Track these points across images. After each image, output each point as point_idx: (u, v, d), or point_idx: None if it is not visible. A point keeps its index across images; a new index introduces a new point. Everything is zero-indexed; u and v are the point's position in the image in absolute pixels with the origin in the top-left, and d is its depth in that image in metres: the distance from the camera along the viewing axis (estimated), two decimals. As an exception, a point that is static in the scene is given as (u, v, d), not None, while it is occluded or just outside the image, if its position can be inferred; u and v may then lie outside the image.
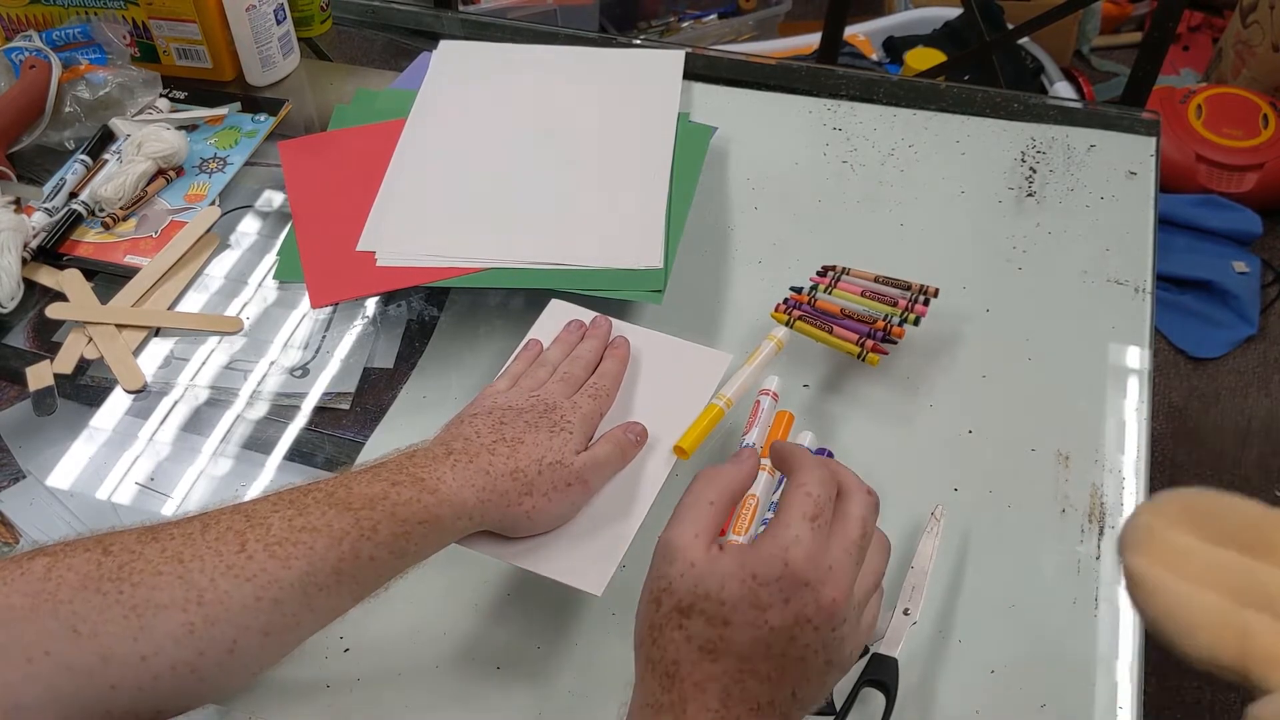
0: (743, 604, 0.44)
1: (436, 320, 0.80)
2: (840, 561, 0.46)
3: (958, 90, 1.00)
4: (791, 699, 0.45)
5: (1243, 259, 1.92)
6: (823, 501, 0.47)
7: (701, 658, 0.44)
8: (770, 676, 0.44)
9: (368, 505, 0.51)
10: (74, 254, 0.85)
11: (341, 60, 1.09)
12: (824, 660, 0.46)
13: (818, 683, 0.46)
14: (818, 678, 0.46)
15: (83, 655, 0.45)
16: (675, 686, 0.44)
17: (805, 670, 0.45)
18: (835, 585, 0.45)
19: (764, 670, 0.44)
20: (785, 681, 0.45)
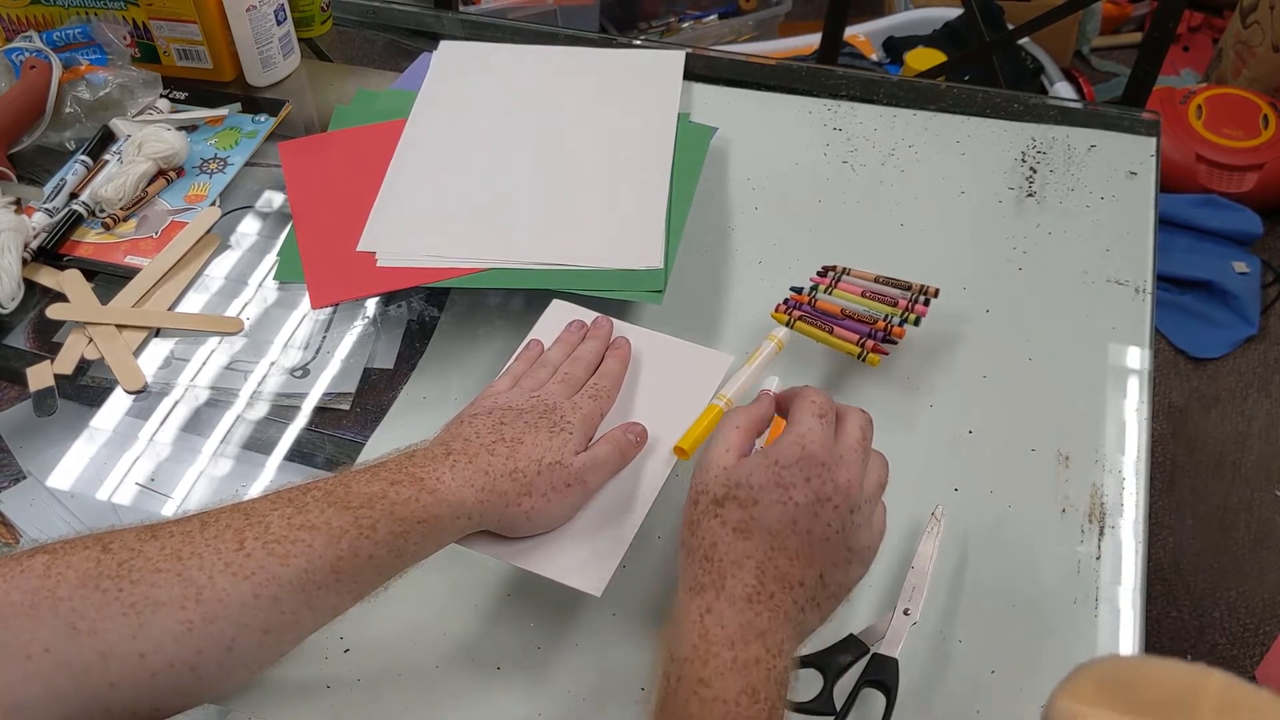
0: (769, 485, 0.50)
1: (437, 321, 0.80)
2: (849, 453, 0.52)
3: (958, 91, 1.00)
4: (820, 582, 0.50)
5: (1243, 259, 1.92)
6: (826, 406, 0.54)
7: (735, 538, 0.49)
8: (799, 554, 0.49)
9: (367, 504, 0.51)
10: (74, 254, 0.85)
11: (342, 61, 1.09)
12: (845, 546, 0.51)
13: (842, 570, 0.51)
14: (842, 564, 0.51)
15: (82, 652, 0.45)
16: (714, 566, 0.49)
17: (829, 552, 0.50)
18: (848, 469, 0.51)
19: (792, 546, 0.49)
20: (813, 561, 0.50)
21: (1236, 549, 1.56)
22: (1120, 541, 0.66)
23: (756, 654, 0.47)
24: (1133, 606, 0.63)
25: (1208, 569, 1.54)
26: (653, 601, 0.62)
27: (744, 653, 0.46)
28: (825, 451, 0.51)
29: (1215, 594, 1.51)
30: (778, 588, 0.48)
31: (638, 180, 0.86)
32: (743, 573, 0.48)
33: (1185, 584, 1.52)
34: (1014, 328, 0.78)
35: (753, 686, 0.46)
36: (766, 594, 0.48)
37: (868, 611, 0.62)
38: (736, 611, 0.47)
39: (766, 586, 0.48)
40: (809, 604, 0.50)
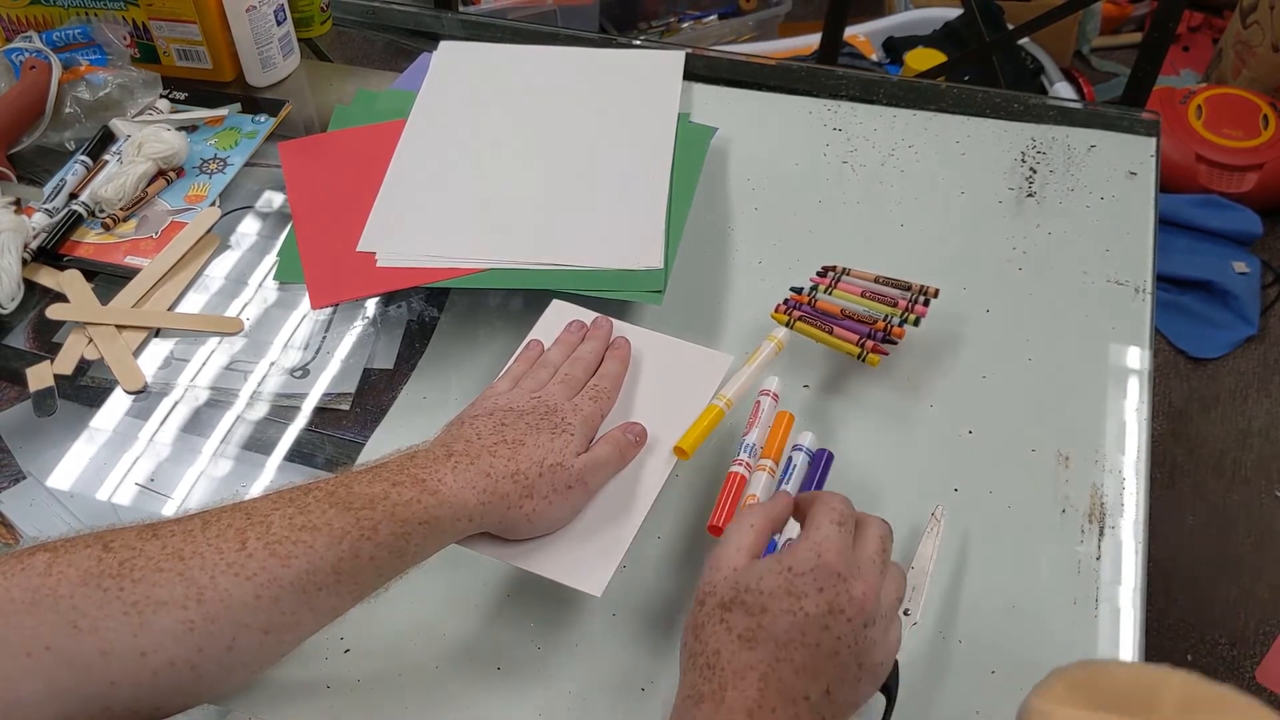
0: (779, 592, 0.48)
1: (436, 321, 0.80)
2: (866, 564, 0.50)
3: (958, 91, 1.00)
4: (826, 697, 0.47)
5: (1243, 259, 1.92)
6: (846, 513, 0.52)
7: (740, 646, 0.47)
8: (805, 667, 0.46)
9: (368, 505, 0.51)
10: (74, 255, 0.85)
11: (342, 61, 1.09)
12: (856, 661, 0.48)
13: (851, 685, 0.48)
14: (851, 680, 0.48)
15: (82, 650, 0.45)
16: (715, 675, 0.47)
17: (838, 667, 0.47)
18: (865, 582, 0.49)
19: (799, 659, 0.46)
20: (820, 676, 0.47)
21: (1236, 549, 1.56)
22: (1120, 541, 0.66)
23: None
24: (1133, 606, 0.63)
25: (1208, 569, 1.54)
26: (653, 602, 0.62)
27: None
28: (841, 561, 0.49)
29: (1215, 594, 1.51)
30: (779, 702, 0.46)
31: (637, 180, 0.86)
32: (745, 684, 0.46)
33: (1185, 584, 1.52)
34: (1014, 328, 0.78)
35: None
36: (768, 708, 0.45)
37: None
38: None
39: (768, 700, 0.46)
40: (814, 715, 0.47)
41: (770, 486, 0.62)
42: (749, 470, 0.63)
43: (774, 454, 0.64)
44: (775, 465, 0.64)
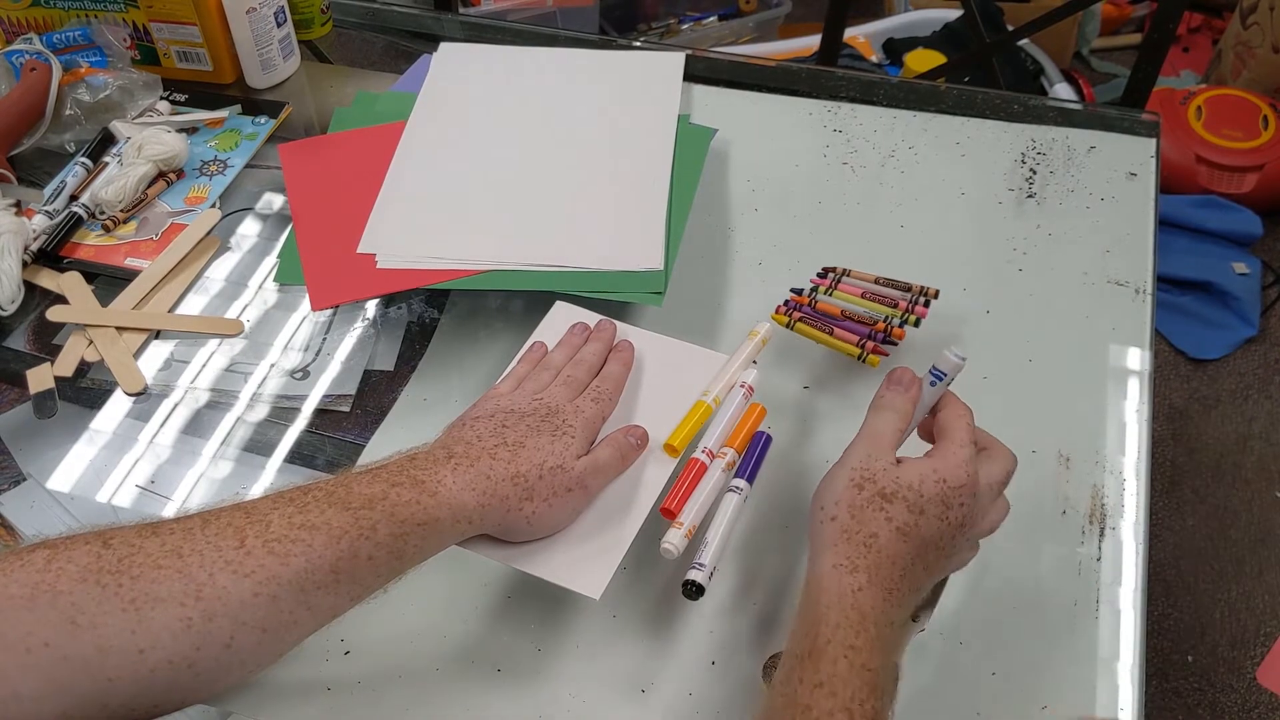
0: (935, 500, 0.53)
1: (437, 322, 0.80)
2: (987, 492, 0.55)
3: (958, 92, 1.00)
4: (929, 585, 0.55)
5: (1243, 260, 1.92)
6: (974, 427, 0.57)
7: (896, 537, 0.52)
8: (931, 565, 0.53)
9: (367, 505, 0.51)
10: (74, 257, 0.85)
11: (342, 63, 1.09)
12: (955, 559, 0.56)
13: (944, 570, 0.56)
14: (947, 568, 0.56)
15: (81, 647, 0.45)
16: (871, 554, 0.51)
17: (947, 566, 0.55)
18: (996, 506, 0.56)
19: (930, 559, 0.53)
20: (935, 571, 0.54)
21: (1237, 550, 1.56)
22: (1121, 542, 0.66)
23: (890, 639, 0.50)
24: (1133, 608, 0.63)
25: (1208, 570, 1.54)
26: (652, 604, 0.62)
27: (883, 635, 0.49)
28: (978, 481, 0.54)
29: (1215, 595, 1.51)
30: (908, 589, 0.52)
31: (638, 182, 0.86)
32: (893, 568, 0.51)
33: (1186, 585, 1.52)
34: (1014, 329, 0.78)
35: (886, 666, 0.49)
36: (900, 593, 0.51)
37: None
38: (879, 598, 0.50)
39: (903, 586, 0.52)
40: (910, 606, 0.54)
41: (727, 476, 0.63)
42: (710, 458, 0.63)
43: (738, 444, 0.64)
44: (737, 455, 0.65)
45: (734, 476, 0.64)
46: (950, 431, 0.56)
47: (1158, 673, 1.42)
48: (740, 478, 0.64)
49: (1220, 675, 1.42)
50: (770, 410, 0.69)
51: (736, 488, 0.64)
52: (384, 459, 0.56)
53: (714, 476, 0.63)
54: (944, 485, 0.53)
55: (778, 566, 0.64)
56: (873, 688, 0.47)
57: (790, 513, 0.67)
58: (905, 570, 0.52)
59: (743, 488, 0.64)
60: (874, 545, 0.52)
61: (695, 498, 0.62)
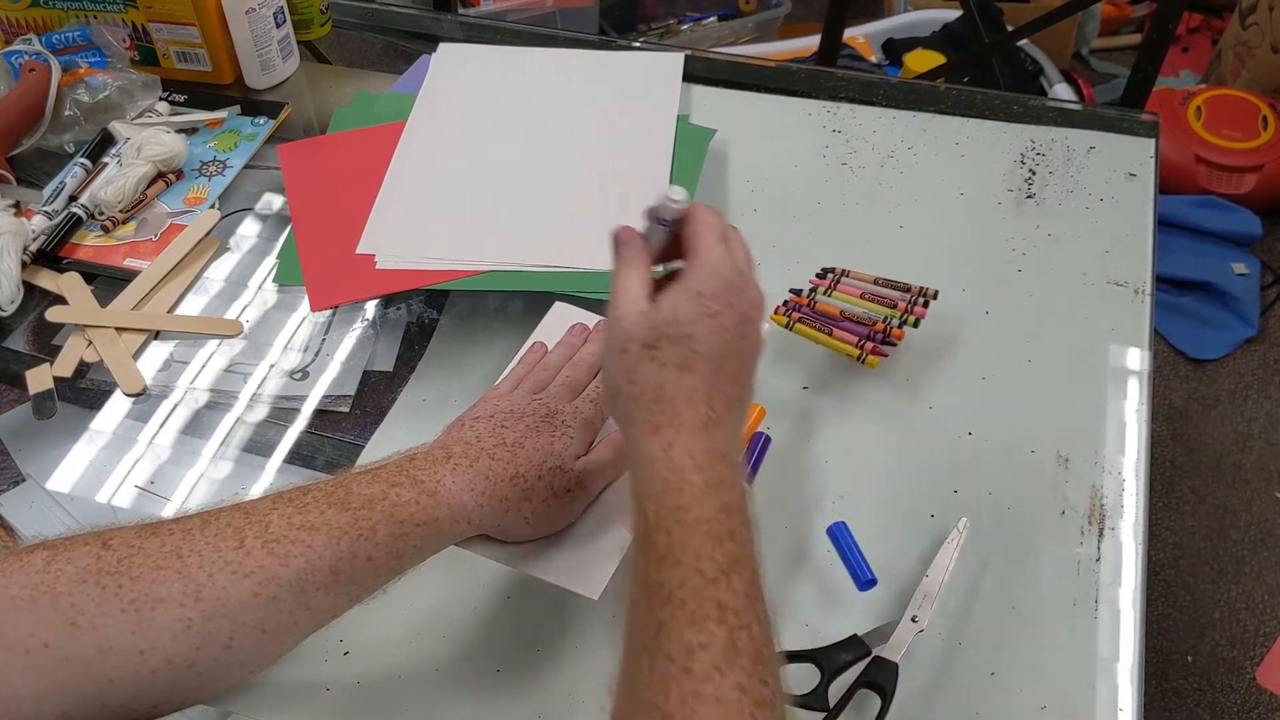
0: (699, 318, 0.50)
1: (436, 323, 0.80)
2: (748, 269, 0.54)
3: (957, 92, 1.00)
4: (749, 390, 0.53)
5: (1242, 260, 1.92)
6: (723, 227, 0.54)
7: (680, 374, 0.49)
8: (736, 375, 0.51)
9: (366, 505, 0.51)
10: (74, 257, 0.85)
11: (341, 63, 1.09)
12: (758, 352, 0.54)
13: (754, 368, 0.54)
14: (755, 365, 0.54)
15: (81, 647, 0.45)
16: (666, 405, 0.49)
17: (753, 362, 0.53)
18: (754, 287, 0.54)
19: (731, 369, 0.51)
20: (745, 376, 0.52)
21: (1236, 550, 1.56)
22: (1120, 543, 0.66)
23: (721, 474, 0.48)
24: (1133, 608, 0.63)
25: (1208, 570, 1.54)
26: (652, 603, 0.62)
27: (711, 474, 0.47)
28: (736, 274, 0.52)
29: (1215, 595, 1.51)
30: (724, 409, 0.50)
31: (637, 182, 0.86)
32: (694, 404, 0.49)
33: (1185, 585, 1.52)
34: (1013, 329, 0.78)
35: (725, 502, 0.47)
36: (717, 418, 0.49)
37: (874, 613, 0.62)
38: (696, 439, 0.48)
39: (716, 410, 0.49)
40: (743, 413, 0.53)
41: None
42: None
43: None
44: None
45: None
46: (694, 243, 0.53)
47: (1158, 673, 1.42)
48: None
49: (1220, 675, 1.42)
50: (769, 410, 0.70)
51: None
52: (383, 459, 0.56)
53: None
54: (701, 299, 0.50)
55: (777, 566, 0.64)
56: (714, 537, 0.45)
57: (789, 514, 0.67)
58: (709, 396, 0.49)
59: None
60: (662, 396, 0.49)
61: None
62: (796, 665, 0.58)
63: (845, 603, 0.62)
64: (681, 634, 0.42)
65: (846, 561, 0.62)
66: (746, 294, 0.53)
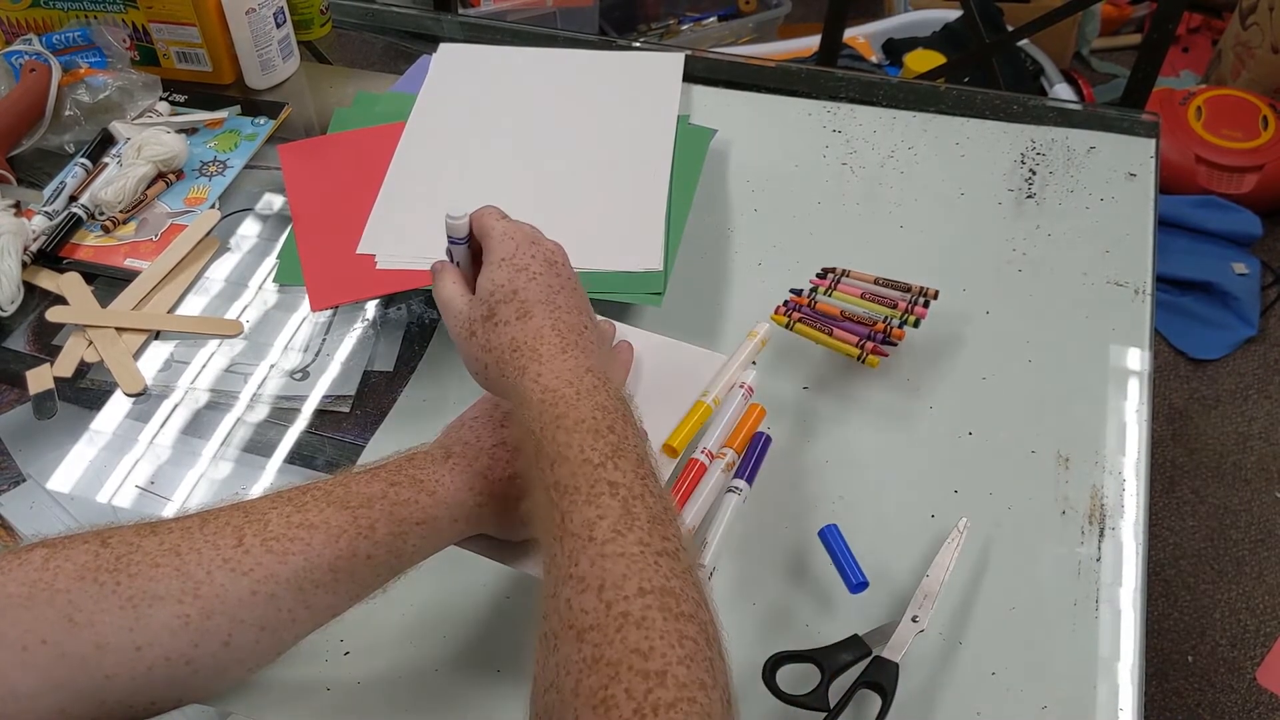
0: (514, 275, 0.57)
1: (437, 323, 0.80)
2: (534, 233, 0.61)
3: (957, 92, 1.00)
4: (590, 316, 0.59)
5: (1242, 260, 1.92)
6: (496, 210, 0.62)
7: (522, 322, 0.55)
8: (571, 306, 0.57)
9: (366, 504, 0.51)
10: (74, 257, 0.85)
11: (341, 63, 1.09)
12: (577, 281, 0.60)
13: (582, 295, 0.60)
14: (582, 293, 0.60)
15: (78, 644, 0.45)
16: (522, 349, 0.54)
17: (579, 293, 0.59)
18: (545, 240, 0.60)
19: (563, 302, 0.57)
20: (579, 304, 0.58)
21: (1236, 550, 1.56)
22: (1121, 543, 0.66)
23: (591, 383, 0.52)
24: (1133, 608, 0.63)
25: (1208, 570, 1.54)
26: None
27: (581, 386, 0.52)
28: (523, 233, 0.59)
29: (1215, 595, 1.51)
30: (573, 335, 0.55)
31: (637, 182, 0.86)
32: (545, 339, 0.54)
33: (1186, 585, 1.52)
34: (1013, 329, 0.78)
35: (599, 403, 0.51)
36: (570, 342, 0.54)
37: (875, 613, 0.62)
38: (560, 363, 0.53)
39: (567, 337, 0.55)
40: (595, 336, 0.57)
41: (727, 477, 0.63)
42: (710, 459, 0.64)
43: (737, 445, 0.65)
44: (737, 455, 0.65)
45: (734, 477, 0.64)
46: (481, 230, 0.60)
47: (1158, 673, 1.42)
48: (740, 478, 0.64)
49: (1220, 675, 1.42)
50: (770, 411, 0.69)
51: (736, 488, 0.64)
52: (383, 459, 0.56)
53: (713, 477, 0.63)
54: (505, 264, 0.57)
55: (777, 567, 0.64)
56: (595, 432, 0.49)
57: (790, 514, 0.67)
58: (555, 327, 0.55)
59: (742, 488, 0.64)
60: (517, 345, 0.54)
61: (695, 498, 0.62)
62: (797, 665, 0.58)
63: (845, 603, 0.62)
64: (581, 512, 0.46)
65: (838, 564, 0.62)
66: (542, 245, 0.59)
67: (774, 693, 0.56)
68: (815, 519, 0.66)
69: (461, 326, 0.58)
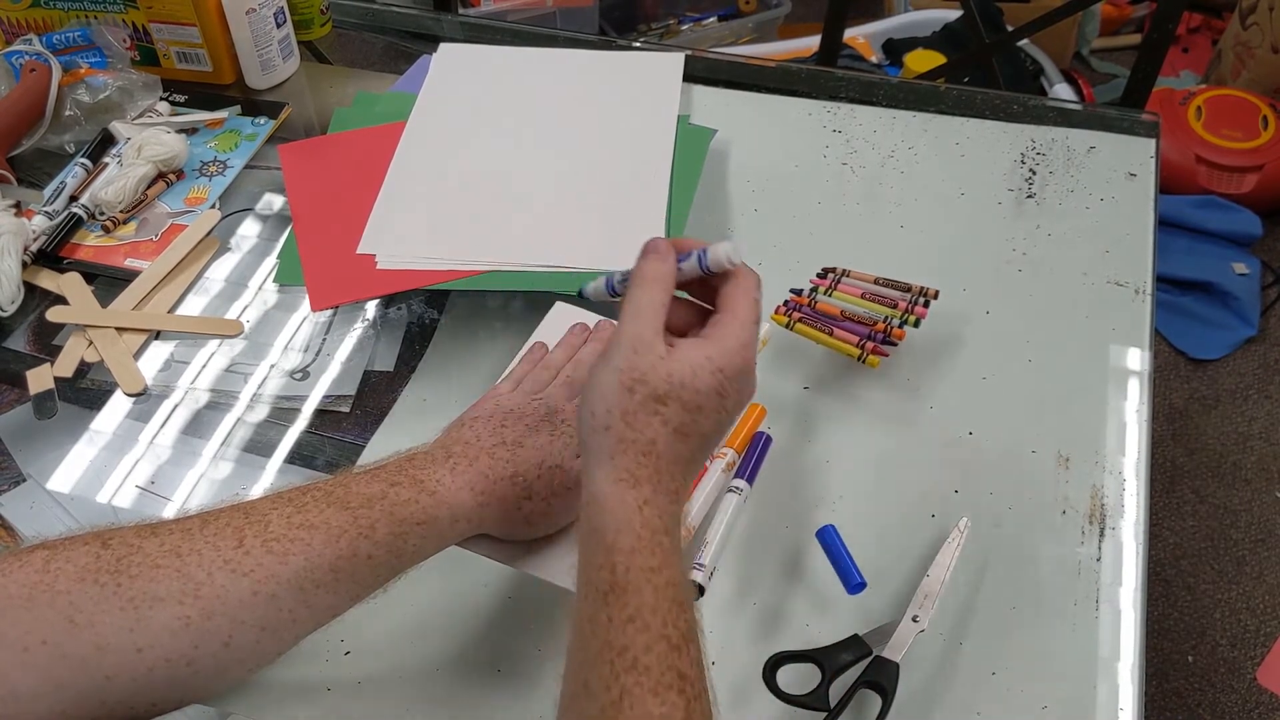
0: (711, 393, 0.49)
1: (437, 323, 0.80)
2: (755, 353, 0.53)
3: (957, 92, 1.00)
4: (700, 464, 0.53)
5: (1242, 260, 1.92)
6: (759, 305, 0.53)
7: (675, 439, 0.49)
8: (707, 452, 0.52)
9: (366, 505, 0.51)
10: (74, 257, 0.85)
11: (341, 63, 1.09)
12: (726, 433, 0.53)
13: None
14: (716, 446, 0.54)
15: (79, 645, 0.45)
16: (651, 461, 0.48)
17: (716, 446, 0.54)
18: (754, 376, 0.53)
19: (711, 446, 0.51)
20: (708, 454, 0.53)
21: (1237, 550, 1.56)
22: (1121, 543, 0.66)
23: (677, 540, 0.49)
24: (1133, 608, 0.63)
25: (1208, 570, 1.54)
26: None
27: (674, 540, 0.48)
28: (750, 360, 0.52)
29: (1216, 595, 1.51)
30: (686, 482, 0.51)
31: (637, 182, 0.86)
32: (675, 471, 0.49)
33: (1186, 585, 1.52)
34: (1014, 329, 0.78)
35: (684, 571, 0.48)
36: (683, 492, 0.50)
37: (875, 613, 0.62)
38: (668, 504, 0.48)
39: (687, 483, 0.50)
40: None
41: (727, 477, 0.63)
42: (710, 458, 0.64)
43: (738, 445, 0.65)
44: (737, 455, 0.65)
45: (734, 477, 0.64)
46: (733, 306, 0.52)
47: (1158, 673, 1.42)
48: (740, 478, 0.64)
49: (1220, 675, 1.42)
50: (770, 411, 0.70)
51: (736, 488, 0.64)
52: (383, 459, 0.56)
53: (714, 477, 0.63)
54: (720, 375, 0.49)
55: (777, 567, 0.64)
56: (680, 604, 0.45)
57: (790, 514, 0.67)
58: (686, 469, 0.50)
59: (742, 488, 0.64)
60: (653, 452, 0.48)
61: (695, 498, 0.62)
62: (797, 665, 0.58)
63: (845, 603, 0.62)
64: (645, 702, 0.42)
65: (836, 565, 0.62)
66: (749, 383, 0.52)
67: (774, 693, 0.56)
68: (815, 519, 0.66)
69: (631, 370, 0.49)
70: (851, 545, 0.63)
